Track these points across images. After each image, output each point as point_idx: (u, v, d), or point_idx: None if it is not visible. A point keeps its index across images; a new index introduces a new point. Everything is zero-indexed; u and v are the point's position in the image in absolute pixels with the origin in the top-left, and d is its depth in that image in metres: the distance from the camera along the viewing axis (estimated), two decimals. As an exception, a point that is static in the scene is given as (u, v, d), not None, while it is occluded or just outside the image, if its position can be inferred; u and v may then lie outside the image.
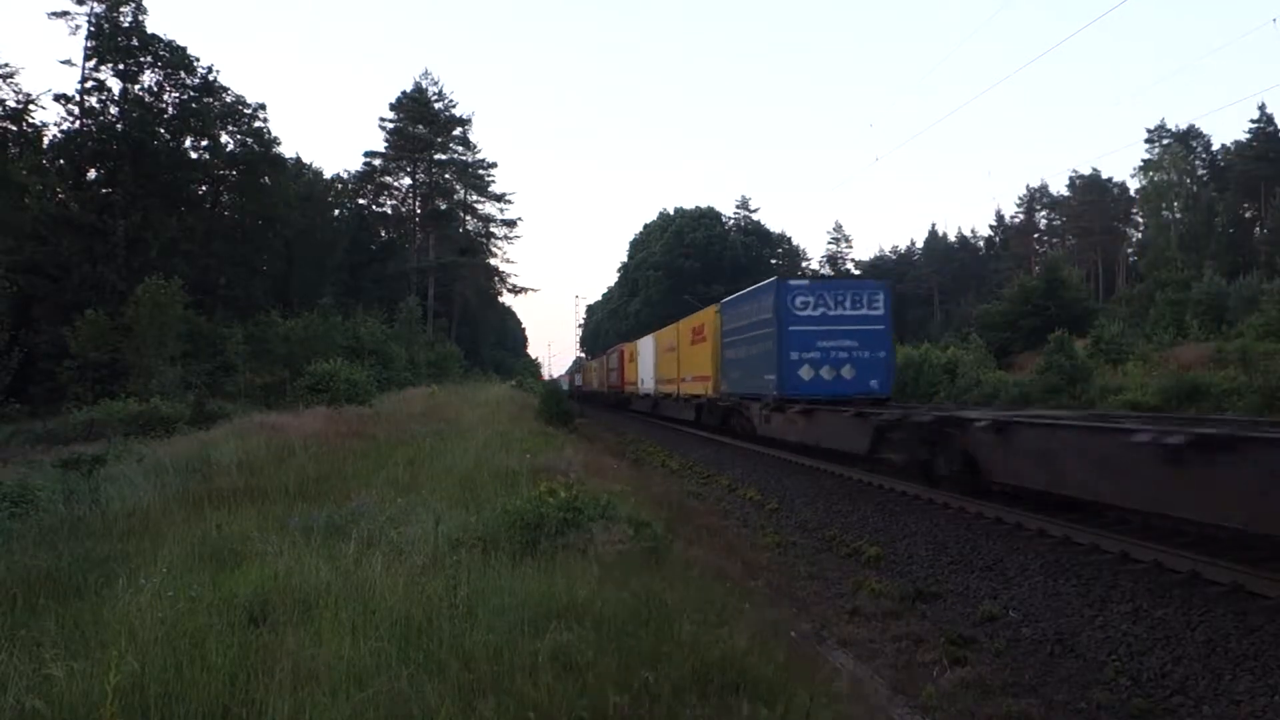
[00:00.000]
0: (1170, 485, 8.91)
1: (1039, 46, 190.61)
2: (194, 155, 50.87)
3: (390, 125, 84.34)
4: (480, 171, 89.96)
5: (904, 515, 13.95)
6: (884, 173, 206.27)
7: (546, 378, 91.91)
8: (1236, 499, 8.18)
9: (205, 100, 49.71)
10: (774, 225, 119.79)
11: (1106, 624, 8.14)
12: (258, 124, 52.73)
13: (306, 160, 69.84)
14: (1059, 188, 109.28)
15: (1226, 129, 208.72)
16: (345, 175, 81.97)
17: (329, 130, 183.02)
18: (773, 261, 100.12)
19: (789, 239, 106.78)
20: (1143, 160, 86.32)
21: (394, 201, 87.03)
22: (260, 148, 52.50)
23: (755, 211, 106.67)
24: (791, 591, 10.00)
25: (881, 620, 8.83)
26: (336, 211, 73.53)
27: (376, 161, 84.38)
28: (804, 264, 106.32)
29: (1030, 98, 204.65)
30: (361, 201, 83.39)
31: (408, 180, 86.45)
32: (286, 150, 64.55)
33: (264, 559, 7.87)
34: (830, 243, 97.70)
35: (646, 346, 44.17)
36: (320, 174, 71.73)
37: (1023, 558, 10.58)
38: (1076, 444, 10.62)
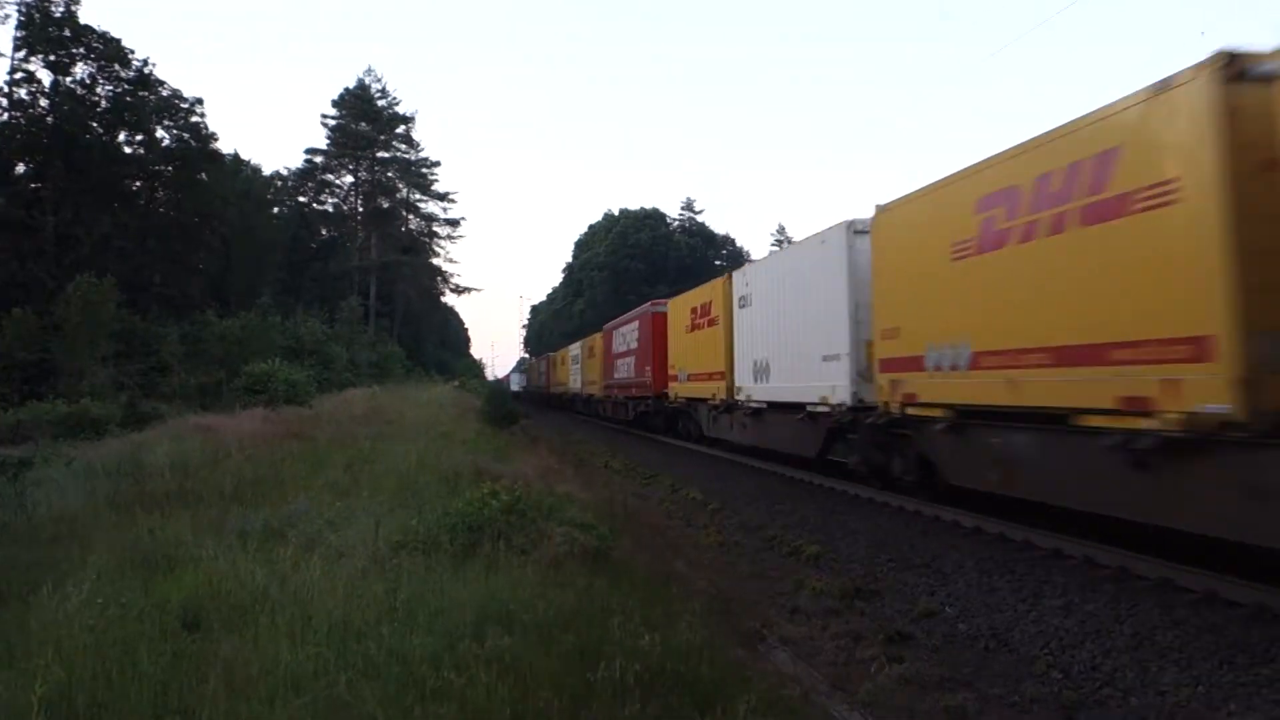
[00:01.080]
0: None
1: (987, 48, 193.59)
2: (128, 150, 49.66)
3: (332, 122, 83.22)
4: (424, 170, 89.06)
5: (844, 514, 14.10)
6: (827, 174, 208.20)
7: (490, 378, 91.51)
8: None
9: (140, 94, 48.54)
10: (718, 227, 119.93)
11: (1039, 618, 8.29)
12: (195, 119, 51.66)
13: (245, 157, 68.21)
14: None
15: None
16: (286, 172, 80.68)
17: (269, 126, 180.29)
18: (717, 263, 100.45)
19: (733, 240, 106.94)
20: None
21: (335, 200, 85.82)
22: (197, 143, 51.48)
23: (700, 213, 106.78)
24: (733, 591, 10.04)
25: (822, 618, 8.91)
26: (276, 209, 72.34)
27: (318, 159, 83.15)
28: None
29: (973, 100, 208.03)
30: (302, 199, 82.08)
31: (350, 178, 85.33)
32: (225, 146, 63.44)
33: (198, 564, 7.74)
34: (774, 245, 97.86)
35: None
36: (260, 171, 70.55)
37: (959, 555, 10.76)
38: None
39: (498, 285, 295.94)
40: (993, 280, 11.13)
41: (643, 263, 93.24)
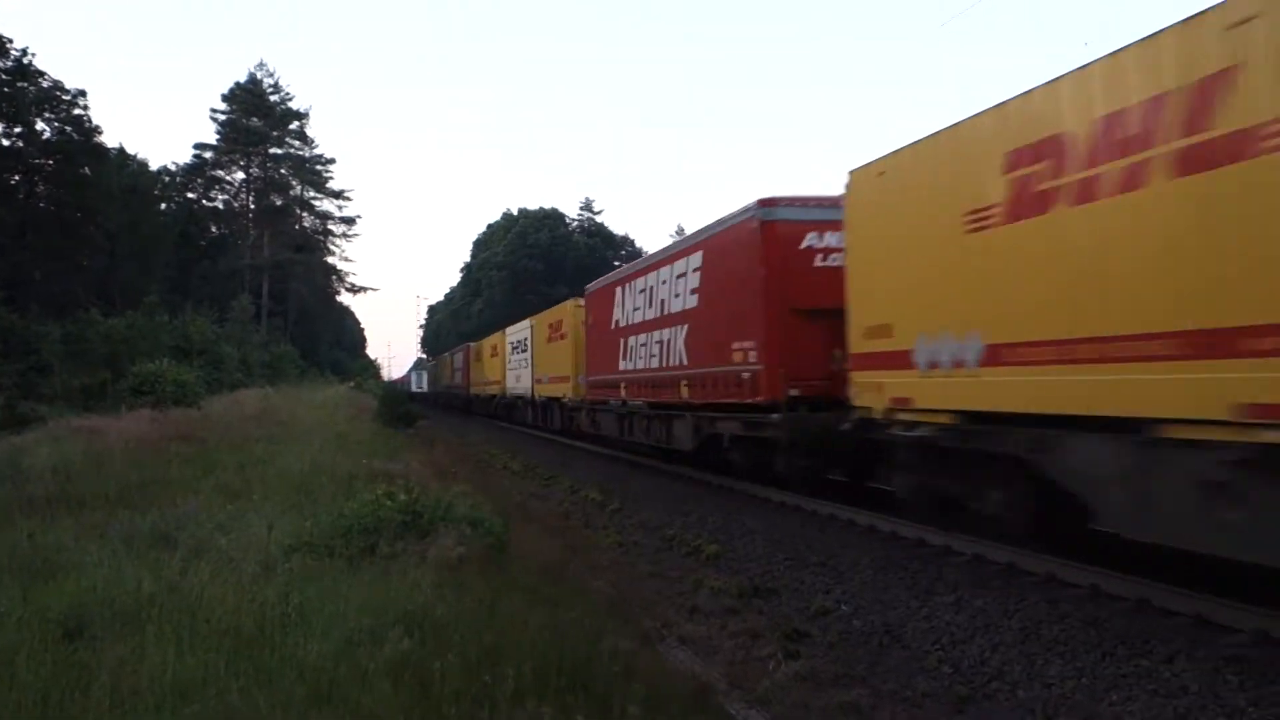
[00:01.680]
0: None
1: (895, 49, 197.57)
2: (6, 143, 47.72)
3: (222, 117, 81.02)
4: (318, 167, 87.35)
5: (742, 514, 14.26)
6: (727, 172, 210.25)
7: (386, 379, 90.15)
8: None
9: (19, 85, 46.65)
10: (617, 227, 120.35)
11: (931, 615, 8.50)
12: (78, 111, 49.87)
13: (131, 151, 65.95)
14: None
15: None
16: (173, 168, 78.27)
17: (156, 120, 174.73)
18: (615, 263, 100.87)
19: (632, 241, 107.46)
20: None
21: (226, 196, 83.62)
22: (80, 136, 49.62)
23: (599, 213, 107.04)
24: (633, 591, 10.07)
25: (720, 617, 8.98)
26: (164, 205, 70.09)
27: (207, 154, 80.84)
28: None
29: (884, 95, 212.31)
30: (191, 196, 79.66)
31: (241, 174, 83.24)
32: (109, 140, 60.98)
33: (81, 570, 7.47)
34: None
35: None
36: (146, 166, 68.14)
37: (854, 553, 10.97)
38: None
39: (394, 285, 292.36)
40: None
41: (542, 263, 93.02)
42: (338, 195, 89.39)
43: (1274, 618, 6.85)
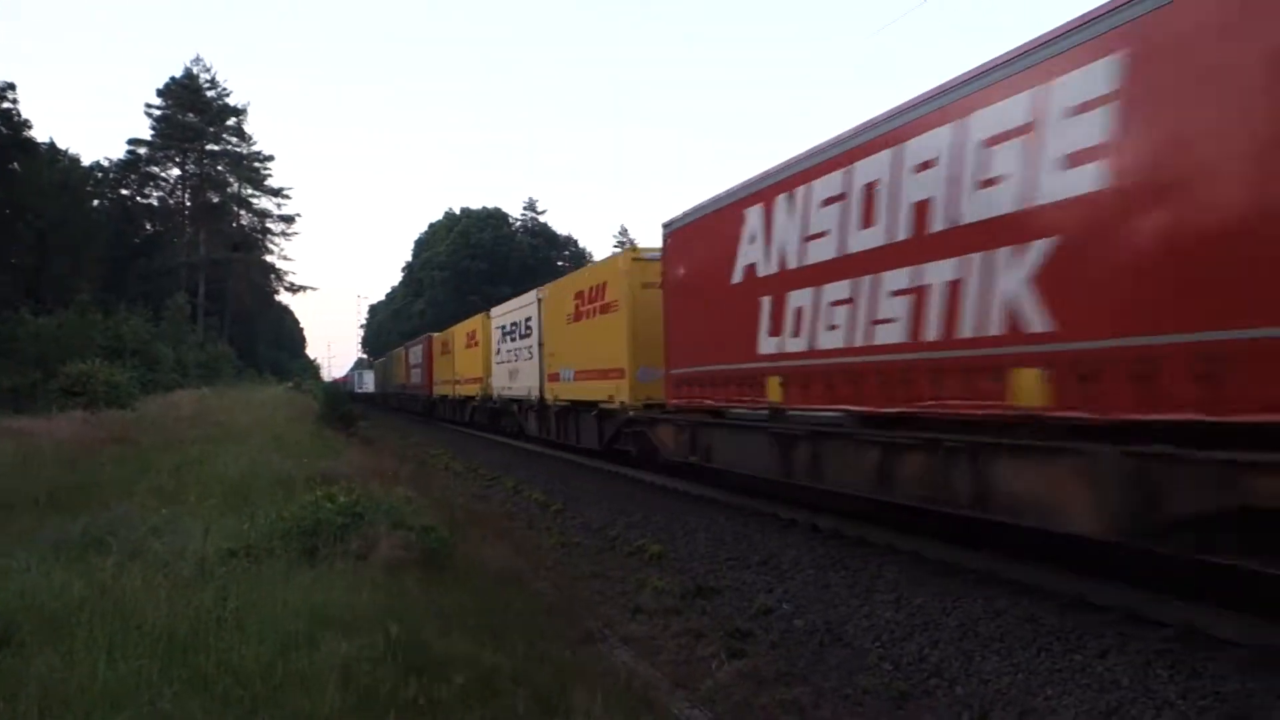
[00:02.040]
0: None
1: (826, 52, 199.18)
2: (-70, 137, 46.49)
3: (158, 112, 79.60)
4: (256, 164, 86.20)
5: (686, 513, 14.29)
6: (667, 173, 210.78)
7: (327, 379, 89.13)
8: None
9: (-56, 78, 45.52)
10: (561, 227, 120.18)
11: (872, 613, 8.58)
12: (6, 105, 48.65)
13: (62, 146, 64.51)
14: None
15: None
16: (107, 163, 76.70)
17: (88, 115, 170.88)
18: (559, 264, 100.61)
19: (575, 241, 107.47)
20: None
21: (161, 193, 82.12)
22: (9, 131, 48.47)
23: (543, 213, 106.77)
24: (576, 591, 10.05)
25: (663, 617, 9.00)
26: (96, 202, 68.68)
27: (142, 150, 79.35)
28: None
29: (805, 102, 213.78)
30: (125, 192, 78.17)
31: (176, 171, 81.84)
32: (40, 134, 59.50)
33: (8, 576, 7.27)
34: (616, 246, 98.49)
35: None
36: (78, 161, 66.63)
37: (796, 552, 11.04)
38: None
39: (335, 284, 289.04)
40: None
41: (485, 262, 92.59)
42: (276, 193, 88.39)
43: (1202, 612, 7.02)
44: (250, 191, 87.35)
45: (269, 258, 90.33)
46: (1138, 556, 7.86)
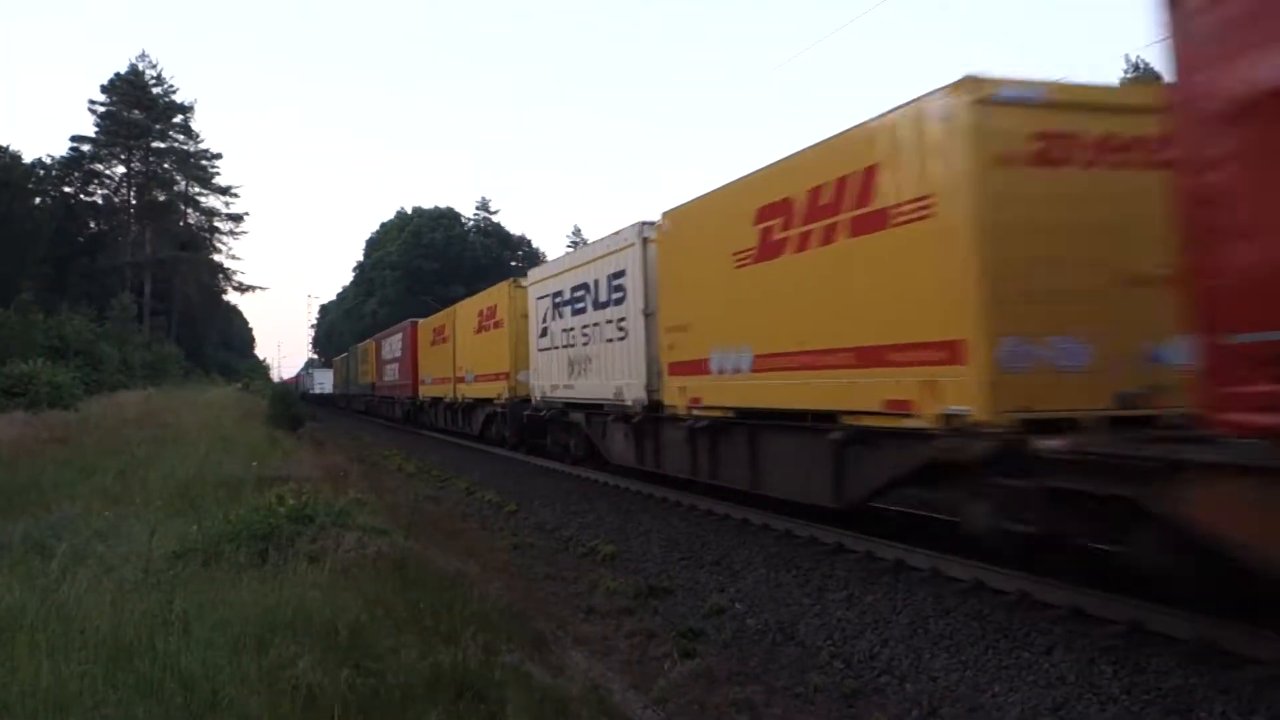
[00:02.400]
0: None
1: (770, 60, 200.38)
2: None
3: (102, 109, 78.28)
4: (204, 162, 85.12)
5: (638, 514, 14.31)
6: (620, 176, 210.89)
7: (277, 379, 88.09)
8: None
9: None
10: (514, 227, 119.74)
11: (823, 611, 8.64)
12: (-56, 100, 47.73)
13: (4, 143, 63.54)
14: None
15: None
16: (49, 160, 75.27)
17: (30, 111, 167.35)
18: (513, 264, 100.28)
19: (529, 241, 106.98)
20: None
21: (106, 191, 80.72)
22: (-53, 126, 47.54)
23: (495, 213, 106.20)
24: (529, 592, 10.03)
25: (616, 617, 9.00)
26: (38, 200, 67.39)
27: (86, 147, 77.95)
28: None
29: (769, 102, 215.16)
30: (68, 190, 76.74)
31: (122, 169, 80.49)
32: (-21, 130, 58.38)
33: (-54, 581, 7.12)
34: (569, 246, 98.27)
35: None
36: (19, 158, 65.34)
37: (748, 551, 11.10)
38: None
39: (285, 284, 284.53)
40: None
41: (437, 262, 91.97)
42: (224, 191, 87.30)
43: (1146, 609, 7.14)
44: (198, 190, 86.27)
45: (217, 257, 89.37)
46: (1082, 555, 7.98)
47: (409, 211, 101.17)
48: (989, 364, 7.81)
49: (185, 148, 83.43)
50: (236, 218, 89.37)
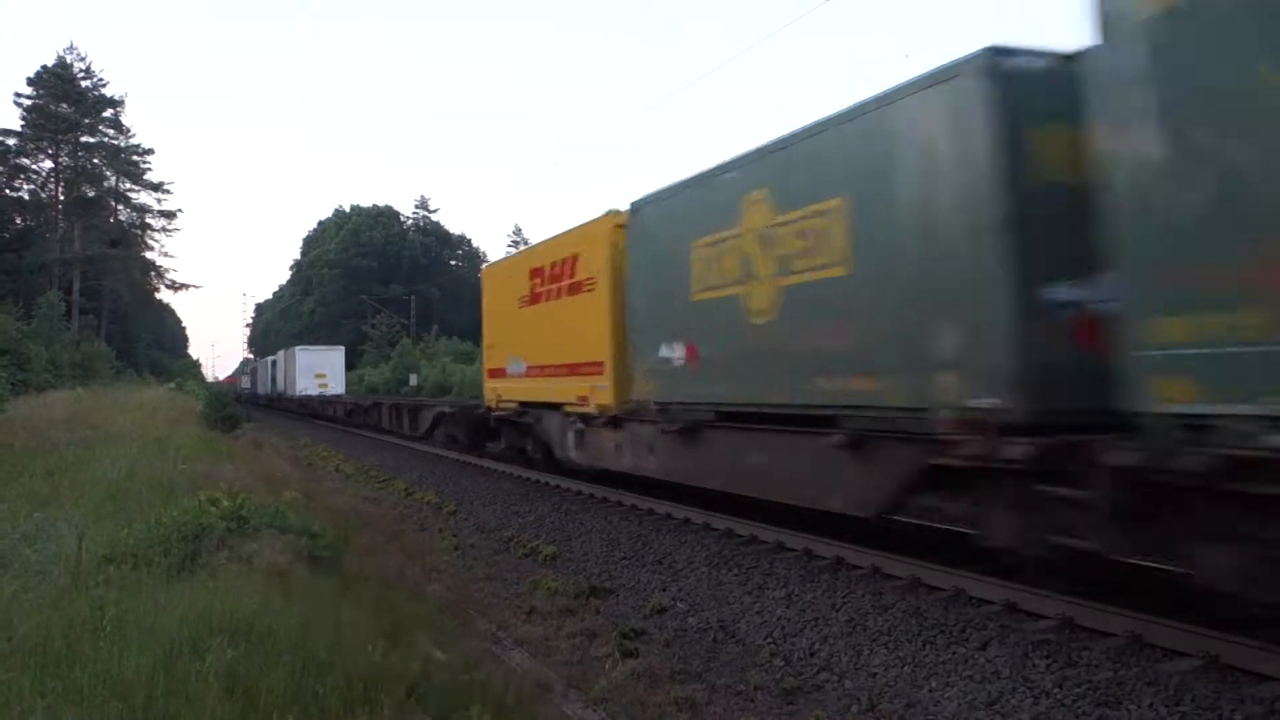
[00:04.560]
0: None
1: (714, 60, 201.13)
2: None
3: (28, 102, 76.24)
4: (135, 157, 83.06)
5: (580, 514, 14.29)
6: (563, 176, 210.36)
7: (211, 379, 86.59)
8: None
9: None
10: (454, 226, 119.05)
11: (763, 609, 8.71)
12: None
13: (-75, 136, 61.62)
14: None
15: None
16: (-28, 155, 73.19)
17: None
18: (452, 263, 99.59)
19: (469, 240, 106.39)
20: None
21: (32, 186, 78.61)
22: None
23: (435, 212, 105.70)
24: (469, 594, 9.98)
25: (557, 618, 9.00)
26: (-38, 195, 65.64)
27: (11, 141, 75.83)
28: (484, 266, 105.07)
29: (700, 109, 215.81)
30: (-8, 185, 74.77)
31: (49, 163, 78.37)
32: (-100, 122, 56.49)
33: None
34: (510, 245, 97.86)
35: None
36: (-58, 153, 63.85)
37: (690, 551, 11.13)
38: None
39: (219, 282, 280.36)
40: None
41: (376, 261, 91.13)
42: (157, 188, 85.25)
43: (1077, 605, 7.29)
44: (129, 186, 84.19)
45: (149, 254, 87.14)
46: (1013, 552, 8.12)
47: (347, 210, 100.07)
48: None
49: (116, 143, 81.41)
50: (169, 214, 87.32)
